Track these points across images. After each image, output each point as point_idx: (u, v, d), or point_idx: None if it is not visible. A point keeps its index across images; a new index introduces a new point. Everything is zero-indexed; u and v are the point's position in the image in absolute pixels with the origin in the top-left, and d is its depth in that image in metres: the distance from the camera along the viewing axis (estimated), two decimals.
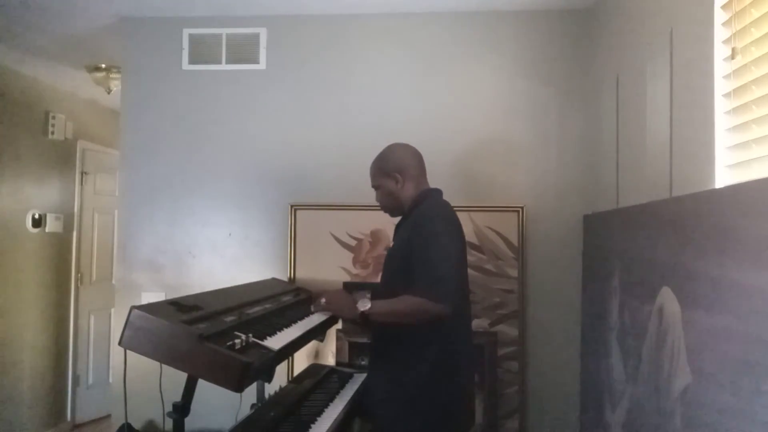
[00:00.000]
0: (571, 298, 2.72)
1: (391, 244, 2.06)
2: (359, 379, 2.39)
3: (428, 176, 2.06)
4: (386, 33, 2.92)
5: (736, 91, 1.46)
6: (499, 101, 2.84)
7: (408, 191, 1.99)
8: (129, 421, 2.66)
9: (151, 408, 2.68)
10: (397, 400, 1.82)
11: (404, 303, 1.75)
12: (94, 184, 4.58)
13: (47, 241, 4.09)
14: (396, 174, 1.98)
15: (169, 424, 1.54)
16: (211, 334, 1.49)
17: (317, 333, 2.08)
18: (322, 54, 2.94)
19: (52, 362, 4.15)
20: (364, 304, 1.79)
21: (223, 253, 2.93)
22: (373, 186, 2.07)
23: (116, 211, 3.14)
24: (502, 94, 2.84)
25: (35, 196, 3.98)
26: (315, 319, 2.04)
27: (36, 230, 3.96)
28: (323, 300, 1.97)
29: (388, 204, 2.05)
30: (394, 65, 2.90)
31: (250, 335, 1.56)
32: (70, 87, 4.23)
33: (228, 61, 2.97)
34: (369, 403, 1.99)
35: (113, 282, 3.29)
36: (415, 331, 1.79)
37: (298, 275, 2.86)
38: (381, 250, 2.78)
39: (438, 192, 2.02)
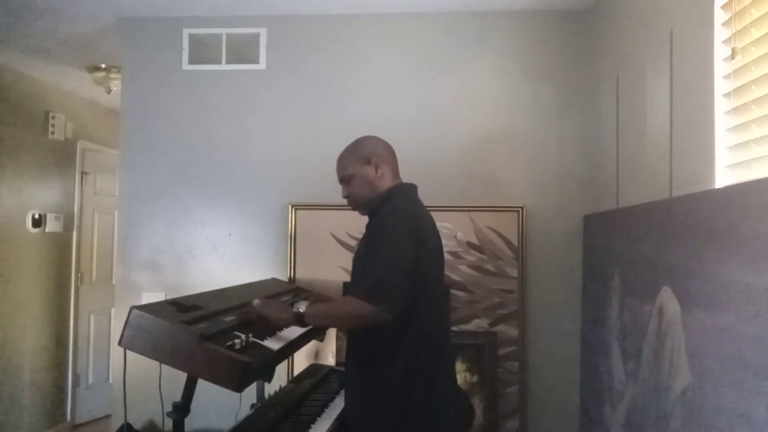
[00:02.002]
0: (571, 298, 2.72)
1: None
2: None
3: (428, 176, 2.04)
4: (386, 33, 2.92)
5: (736, 91, 1.46)
6: (499, 101, 2.84)
7: (386, 181, 1.82)
8: (129, 421, 2.66)
9: (151, 408, 2.68)
10: (373, 407, 1.70)
11: (340, 305, 1.65)
12: (94, 184, 4.57)
13: (47, 241, 4.09)
14: (374, 160, 1.81)
15: (169, 424, 1.54)
16: (211, 334, 1.50)
17: (317, 333, 2.08)
18: (322, 54, 2.94)
19: (52, 362, 4.14)
20: (300, 306, 1.68)
21: (223, 253, 2.93)
22: (344, 178, 1.88)
23: (116, 211, 3.14)
24: (502, 94, 2.84)
25: (35, 196, 3.98)
26: None
27: (36, 230, 3.96)
28: (255, 301, 1.75)
29: (364, 195, 1.84)
30: (394, 65, 2.90)
31: (250, 335, 1.56)
32: (70, 87, 4.23)
33: (228, 61, 2.96)
34: (347, 410, 1.85)
35: (113, 282, 3.28)
36: (385, 333, 1.65)
37: (298, 275, 2.85)
38: None
39: (411, 187, 1.87)
